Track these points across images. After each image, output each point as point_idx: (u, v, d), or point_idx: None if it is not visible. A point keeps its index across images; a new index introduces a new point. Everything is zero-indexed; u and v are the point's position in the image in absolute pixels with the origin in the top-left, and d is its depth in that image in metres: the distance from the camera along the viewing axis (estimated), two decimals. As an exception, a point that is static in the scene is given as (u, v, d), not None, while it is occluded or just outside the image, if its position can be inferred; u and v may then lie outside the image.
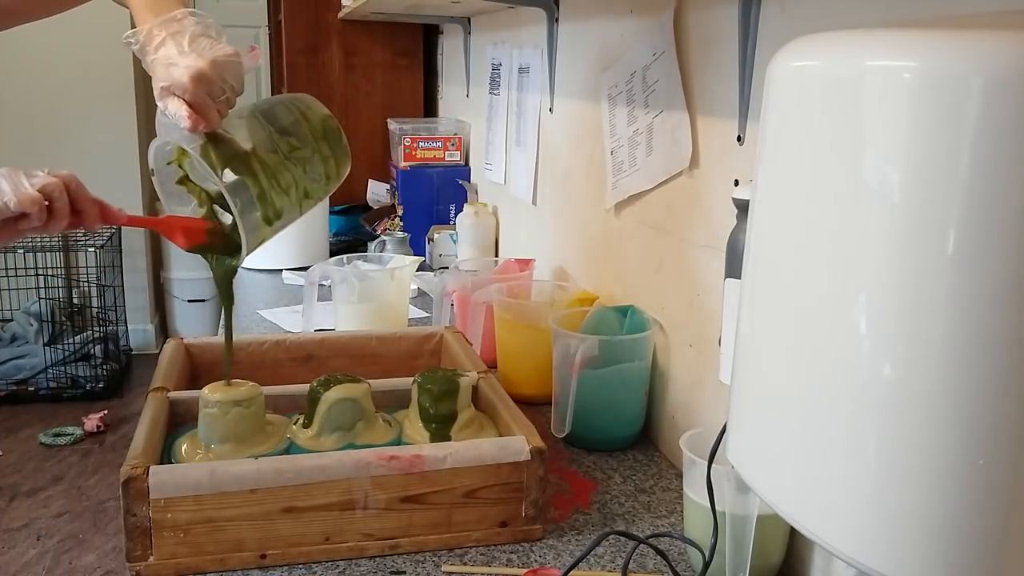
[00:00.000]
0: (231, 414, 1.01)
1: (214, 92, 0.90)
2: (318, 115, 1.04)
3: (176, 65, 0.89)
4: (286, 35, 2.76)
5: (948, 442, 0.42)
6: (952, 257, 0.41)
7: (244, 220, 0.92)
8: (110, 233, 3.87)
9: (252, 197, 0.94)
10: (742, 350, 0.57)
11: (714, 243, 1.11)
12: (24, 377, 3.59)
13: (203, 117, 0.91)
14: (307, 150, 1.00)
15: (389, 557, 0.97)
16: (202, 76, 0.88)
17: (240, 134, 0.95)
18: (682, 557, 0.98)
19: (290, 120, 1.01)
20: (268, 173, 0.95)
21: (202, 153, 0.91)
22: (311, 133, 1.01)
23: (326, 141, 1.02)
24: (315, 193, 1.01)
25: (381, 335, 1.35)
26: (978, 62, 0.40)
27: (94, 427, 3.35)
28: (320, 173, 1.00)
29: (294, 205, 0.98)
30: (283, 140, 0.98)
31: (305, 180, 0.98)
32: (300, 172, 0.98)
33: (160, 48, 0.90)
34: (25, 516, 2.79)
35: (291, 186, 0.97)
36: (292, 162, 0.98)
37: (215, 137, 0.93)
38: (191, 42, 0.90)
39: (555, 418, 1.23)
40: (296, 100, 1.05)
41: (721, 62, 1.08)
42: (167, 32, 0.90)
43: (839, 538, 0.46)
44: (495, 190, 2.16)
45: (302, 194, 0.99)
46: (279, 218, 0.97)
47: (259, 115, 0.99)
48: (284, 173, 0.96)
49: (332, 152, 1.02)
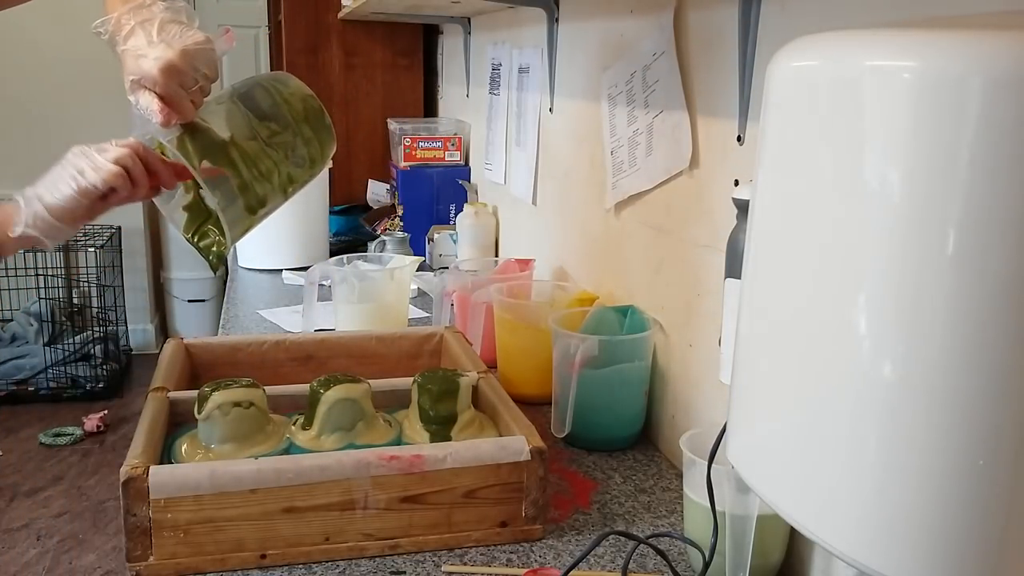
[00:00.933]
0: (231, 414, 1.01)
1: (186, 83, 0.88)
2: (298, 95, 1.01)
3: (145, 56, 0.86)
4: (286, 35, 2.76)
5: (948, 442, 0.42)
6: (952, 257, 0.41)
7: (225, 213, 0.91)
8: (110, 233, 3.88)
9: (233, 188, 0.92)
10: (742, 350, 0.57)
11: (714, 243, 1.11)
12: (24, 377, 3.59)
13: (176, 109, 0.88)
14: (288, 134, 0.97)
15: (389, 557, 0.97)
16: (172, 68, 0.86)
17: (218, 122, 0.93)
18: (682, 557, 0.98)
19: (269, 104, 0.98)
20: (248, 162, 0.93)
21: (178, 146, 0.90)
22: (292, 116, 0.99)
23: (308, 123, 1.00)
24: (299, 177, 0.99)
25: (381, 335, 1.35)
26: (978, 62, 0.40)
27: (94, 427, 3.35)
28: (304, 156, 0.98)
29: (277, 191, 0.96)
30: (263, 126, 0.96)
31: (288, 165, 0.96)
32: (282, 157, 0.95)
33: (129, 38, 0.87)
34: (25, 516, 2.79)
35: (272, 172, 0.95)
36: (273, 148, 0.95)
37: (191, 127, 0.91)
38: (160, 30, 0.87)
39: (555, 418, 1.23)
40: (276, 80, 1.01)
41: (721, 62, 1.08)
42: (136, 20, 0.87)
43: (839, 538, 0.46)
44: (495, 190, 2.16)
45: (286, 180, 0.97)
46: (263, 206, 0.95)
47: (237, 100, 0.97)
48: (264, 160, 0.94)
49: (315, 134, 1.00)
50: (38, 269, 3.69)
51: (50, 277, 3.75)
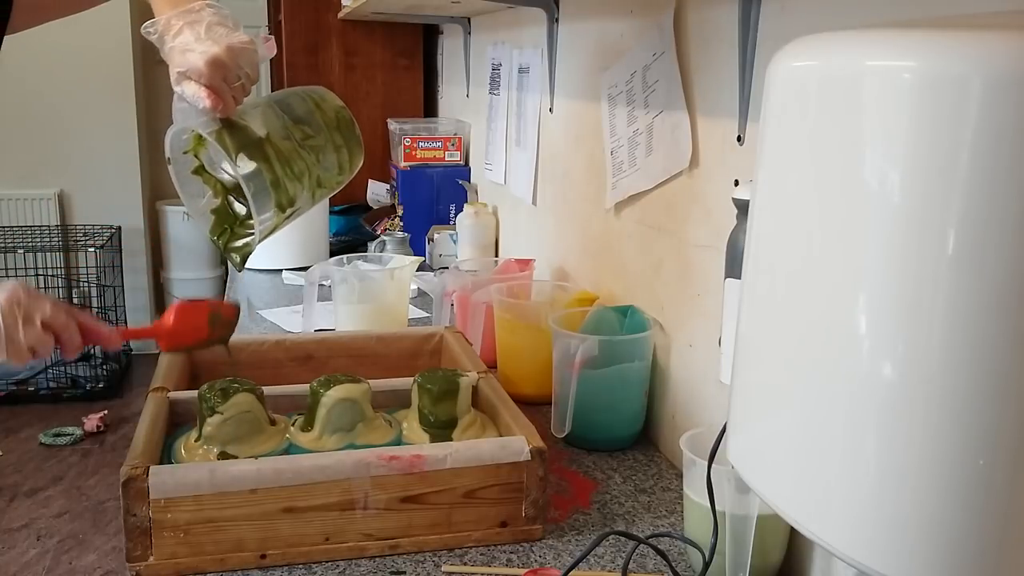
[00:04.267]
0: (232, 416, 1.01)
1: (229, 78, 0.92)
2: (332, 106, 1.05)
3: (192, 51, 0.91)
4: (286, 35, 2.76)
5: (948, 442, 0.42)
6: (952, 257, 0.41)
7: (257, 207, 0.93)
8: (110, 233, 3.88)
9: (266, 183, 0.95)
10: (742, 350, 0.57)
11: (714, 243, 1.11)
12: (24, 377, 3.59)
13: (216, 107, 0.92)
14: (320, 138, 1.01)
15: (389, 557, 0.97)
16: (218, 61, 0.91)
17: (255, 122, 0.97)
18: (682, 557, 0.98)
19: (304, 109, 1.02)
20: (282, 160, 0.96)
21: (217, 138, 0.93)
22: (324, 122, 1.02)
23: (339, 131, 1.03)
24: (328, 183, 1.02)
25: (381, 335, 1.35)
26: (978, 62, 0.40)
27: (94, 427, 3.35)
28: (333, 162, 1.01)
29: (307, 193, 0.99)
30: (297, 128, 0.99)
31: (318, 168, 0.99)
32: (313, 160, 0.99)
33: (177, 36, 0.92)
34: (25, 516, 2.79)
35: (304, 173, 0.98)
36: (306, 150, 0.99)
37: (230, 124, 0.94)
38: (208, 30, 0.92)
39: (555, 418, 1.23)
40: (310, 91, 1.06)
41: (721, 62, 1.08)
42: (184, 21, 0.93)
43: (839, 538, 0.46)
44: (495, 190, 2.16)
45: (315, 183, 0.99)
46: (292, 205, 0.98)
47: (273, 104, 1.01)
48: (297, 160, 0.97)
49: (345, 142, 1.03)
50: (38, 269, 3.69)
51: (50, 277, 3.75)
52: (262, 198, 0.94)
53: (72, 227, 3.98)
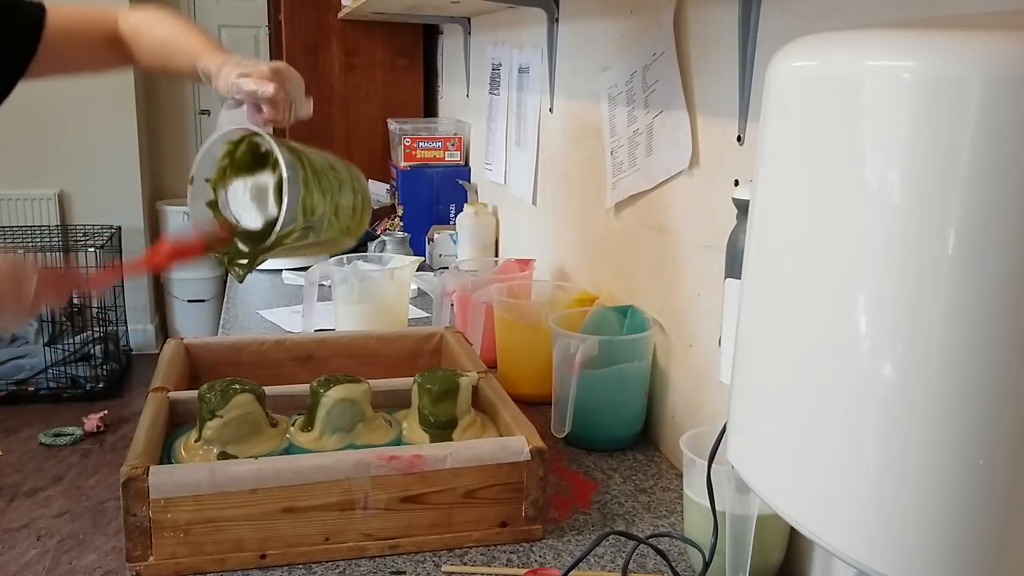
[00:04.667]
0: (233, 416, 1.01)
1: (286, 87, 0.97)
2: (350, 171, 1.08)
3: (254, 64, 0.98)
4: (286, 35, 2.76)
5: (948, 442, 0.42)
6: (952, 257, 0.41)
7: (290, 192, 0.94)
8: (110, 233, 3.88)
9: (299, 178, 0.97)
10: (742, 350, 0.57)
11: (714, 243, 1.11)
12: (24, 377, 3.59)
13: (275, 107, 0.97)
14: (344, 175, 1.04)
15: (389, 557, 0.97)
16: (280, 71, 0.98)
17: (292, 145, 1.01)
18: (682, 557, 0.98)
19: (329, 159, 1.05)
20: (315, 171, 0.99)
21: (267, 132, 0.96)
22: (347, 169, 1.06)
23: (357, 182, 1.07)
24: (339, 221, 1.03)
25: (381, 335, 1.35)
26: (978, 62, 0.40)
27: (94, 427, 3.35)
28: (350, 202, 1.04)
29: (327, 212, 1.01)
30: (324, 160, 1.03)
31: (339, 195, 1.02)
32: (336, 187, 1.01)
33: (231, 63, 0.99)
34: (25, 516, 2.79)
35: (328, 192, 1.00)
36: (332, 174, 1.02)
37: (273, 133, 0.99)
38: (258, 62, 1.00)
39: (555, 418, 1.23)
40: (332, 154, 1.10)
41: (721, 62, 1.08)
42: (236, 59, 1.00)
43: (839, 538, 0.46)
44: (495, 190, 2.16)
45: (333, 207, 1.01)
46: (313, 215, 0.98)
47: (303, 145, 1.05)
48: (325, 177, 1.00)
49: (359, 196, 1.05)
50: (38, 269, 3.69)
51: (50, 277, 3.75)
52: (294, 190, 0.95)
53: (72, 227, 3.98)
